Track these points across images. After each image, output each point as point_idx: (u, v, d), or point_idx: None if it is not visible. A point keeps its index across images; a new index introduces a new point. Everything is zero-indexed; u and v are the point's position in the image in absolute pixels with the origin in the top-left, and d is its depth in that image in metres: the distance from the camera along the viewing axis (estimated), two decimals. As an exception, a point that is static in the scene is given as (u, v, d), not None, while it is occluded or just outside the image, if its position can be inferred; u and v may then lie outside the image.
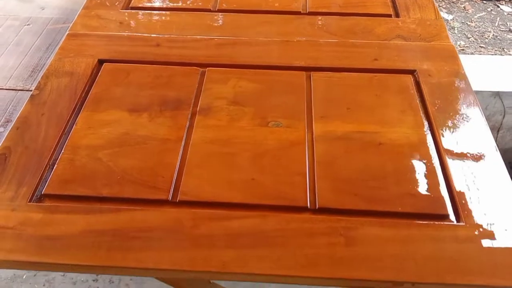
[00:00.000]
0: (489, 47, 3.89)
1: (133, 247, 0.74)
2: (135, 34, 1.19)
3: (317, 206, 0.80)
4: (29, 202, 0.81)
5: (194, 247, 0.74)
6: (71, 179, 0.85)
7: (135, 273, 0.75)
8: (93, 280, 3.14)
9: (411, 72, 1.06)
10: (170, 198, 0.82)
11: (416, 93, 1.01)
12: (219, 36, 1.17)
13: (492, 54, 3.80)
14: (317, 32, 1.18)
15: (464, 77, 1.04)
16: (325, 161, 0.88)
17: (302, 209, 0.80)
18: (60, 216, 0.79)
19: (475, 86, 0.97)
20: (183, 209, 0.80)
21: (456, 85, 1.02)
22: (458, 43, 3.91)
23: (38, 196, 0.83)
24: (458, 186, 0.83)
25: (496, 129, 3.23)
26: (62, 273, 3.06)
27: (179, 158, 0.89)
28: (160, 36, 1.17)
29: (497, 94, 3.28)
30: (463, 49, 3.90)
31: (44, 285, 2.95)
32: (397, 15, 1.24)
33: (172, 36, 1.17)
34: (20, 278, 3.02)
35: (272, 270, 0.72)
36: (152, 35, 1.18)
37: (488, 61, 3.50)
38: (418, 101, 0.99)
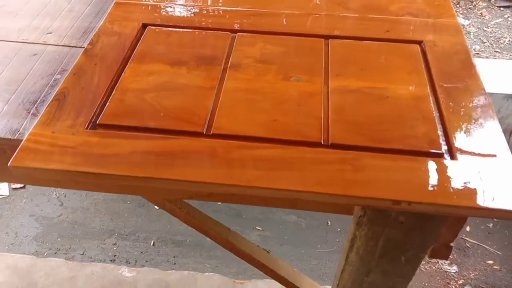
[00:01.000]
0: (504, 52, 3.98)
1: (176, 164, 0.89)
2: (174, 4, 1.34)
3: (329, 142, 0.94)
4: (86, 129, 0.97)
5: (227, 167, 0.89)
6: (121, 113, 1.00)
7: (179, 186, 0.89)
8: (111, 261, 3.29)
9: (419, 42, 1.19)
10: (204, 131, 0.96)
11: (421, 59, 1.14)
12: (249, 8, 1.32)
13: (508, 59, 3.89)
14: (336, 7, 1.32)
15: (466, 49, 1.17)
16: (338, 108, 1.01)
17: (316, 144, 0.94)
18: (113, 140, 0.94)
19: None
20: (217, 140, 0.95)
21: (458, 54, 1.15)
22: (474, 47, 4.00)
23: (94, 125, 0.98)
24: (453, 131, 0.95)
25: (508, 132, 3.30)
26: (81, 252, 3.22)
27: (212, 101, 1.03)
28: (197, 6, 1.33)
29: (510, 97, 3.36)
30: (478, 53, 3.99)
31: (63, 262, 3.07)
32: (408, -4, 1.37)
33: (206, 7, 1.33)
34: (41, 255, 3.18)
35: (292, 186, 0.85)
36: (189, 7, 1.33)
37: (503, 65, 3.58)
38: (423, 66, 1.12)
